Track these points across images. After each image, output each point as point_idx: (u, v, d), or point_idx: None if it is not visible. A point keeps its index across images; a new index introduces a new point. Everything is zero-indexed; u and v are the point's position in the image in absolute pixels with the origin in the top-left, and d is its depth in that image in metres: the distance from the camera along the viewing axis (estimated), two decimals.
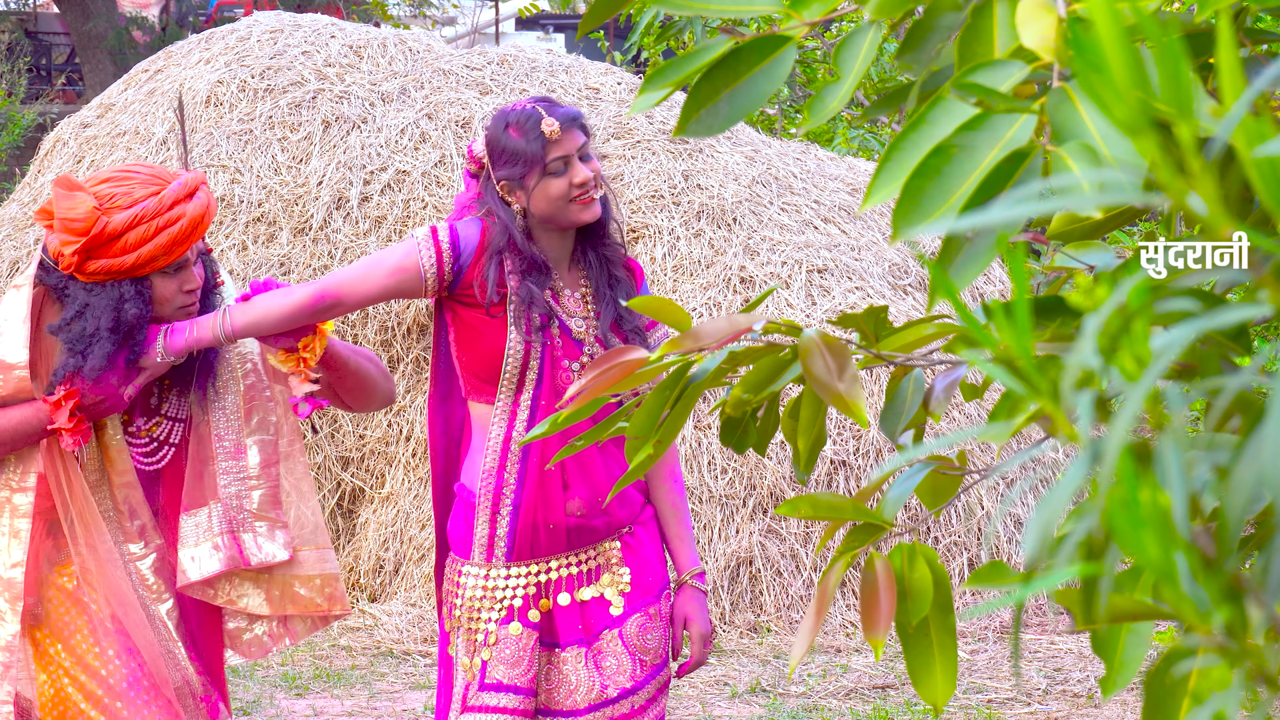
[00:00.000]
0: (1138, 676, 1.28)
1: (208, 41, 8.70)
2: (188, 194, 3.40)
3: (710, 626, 3.49)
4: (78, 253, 3.35)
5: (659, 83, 1.49)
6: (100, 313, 3.36)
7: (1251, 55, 1.62)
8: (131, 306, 3.36)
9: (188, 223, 3.37)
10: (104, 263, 3.35)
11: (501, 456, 3.36)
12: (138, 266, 3.36)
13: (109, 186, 3.39)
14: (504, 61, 8.57)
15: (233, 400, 3.52)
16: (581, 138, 3.34)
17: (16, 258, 7.92)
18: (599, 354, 3.37)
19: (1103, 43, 1.04)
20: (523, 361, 3.34)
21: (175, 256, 3.38)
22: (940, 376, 1.64)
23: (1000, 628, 6.89)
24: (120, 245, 3.35)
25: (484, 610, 3.38)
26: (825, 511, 1.55)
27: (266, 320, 3.33)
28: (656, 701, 3.43)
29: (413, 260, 3.35)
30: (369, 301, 3.39)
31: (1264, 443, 1.00)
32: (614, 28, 17.08)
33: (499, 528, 3.38)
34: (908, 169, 1.28)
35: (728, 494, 7.07)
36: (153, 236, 3.35)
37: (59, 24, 19.89)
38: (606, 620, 3.40)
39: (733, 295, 7.51)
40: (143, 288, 3.38)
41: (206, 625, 3.53)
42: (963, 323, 1.10)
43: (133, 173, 3.43)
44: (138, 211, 3.35)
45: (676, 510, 3.51)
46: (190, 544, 3.46)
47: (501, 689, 3.34)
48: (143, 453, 3.50)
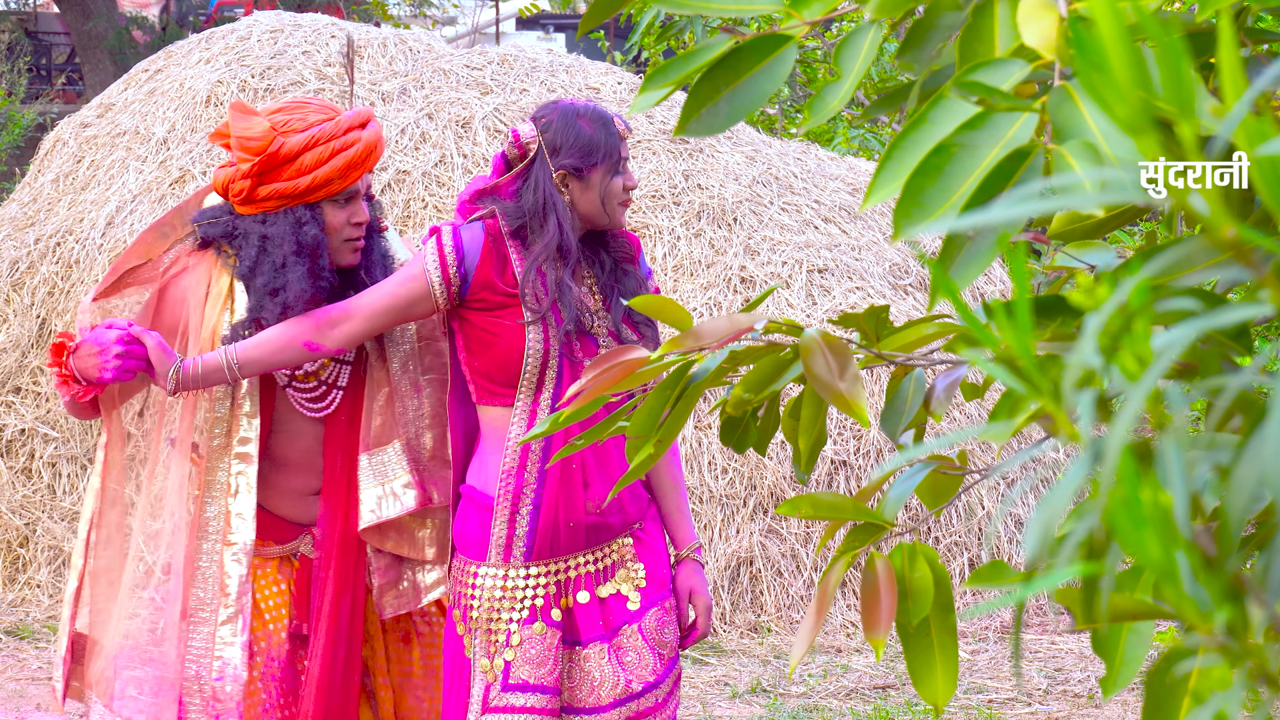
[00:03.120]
0: (1138, 676, 1.28)
1: (208, 41, 8.69)
2: (361, 122, 3.41)
3: (711, 598, 3.52)
4: (251, 174, 3.34)
5: (659, 82, 1.49)
6: (281, 240, 3.35)
7: (1252, 55, 1.62)
8: (310, 228, 3.35)
9: (362, 147, 3.37)
10: (277, 186, 3.35)
11: (522, 457, 3.35)
12: (312, 189, 3.35)
13: (283, 114, 3.40)
14: (504, 61, 8.57)
15: (410, 338, 3.51)
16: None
17: (16, 258, 7.92)
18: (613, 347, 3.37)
19: (1104, 42, 1.03)
20: (542, 360, 3.33)
21: (349, 181, 3.38)
22: (941, 376, 1.64)
23: (1001, 628, 6.89)
24: (295, 167, 3.34)
25: (504, 611, 3.37)
26: (826, 511, 1.55)
27: (271, 345, 3.35)
28: (674, 694, 3.45)
29: (418, 267, 3.35)
30: (378, 318, 3.37)
31: (1265, 442, 1.00)
32: (614, 28, 17.08)
33: (518, 528, 3.36)
34: (908, 168, 1.28)
35: (728, 494, 7.07)
36: (328, 159, 3.35)
37: (59, 24, 19.89)
38: (625, 615, 3.40)
39: (733, 295, 7.50)
40: (316, 213, 3.38)
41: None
42: (964, 322, 1.10)
43: (305, 103, 3.44)
44: (315, 133, 3.35)
45: (676, 484, 3.53)
46: (374, 483, 3.44)
47: (528, 689, 3.33)
48: (310, 399, 3.48)
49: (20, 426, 7.53)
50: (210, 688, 3.36)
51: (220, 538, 3.40)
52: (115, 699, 3.42)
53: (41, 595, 7.12)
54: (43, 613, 7.00)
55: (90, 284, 7.64)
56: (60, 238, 7.91)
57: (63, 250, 7.85)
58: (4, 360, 7.68)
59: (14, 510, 7.34)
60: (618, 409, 1.64)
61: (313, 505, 3.50)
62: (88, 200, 8.08)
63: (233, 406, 3.41)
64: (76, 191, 8.21)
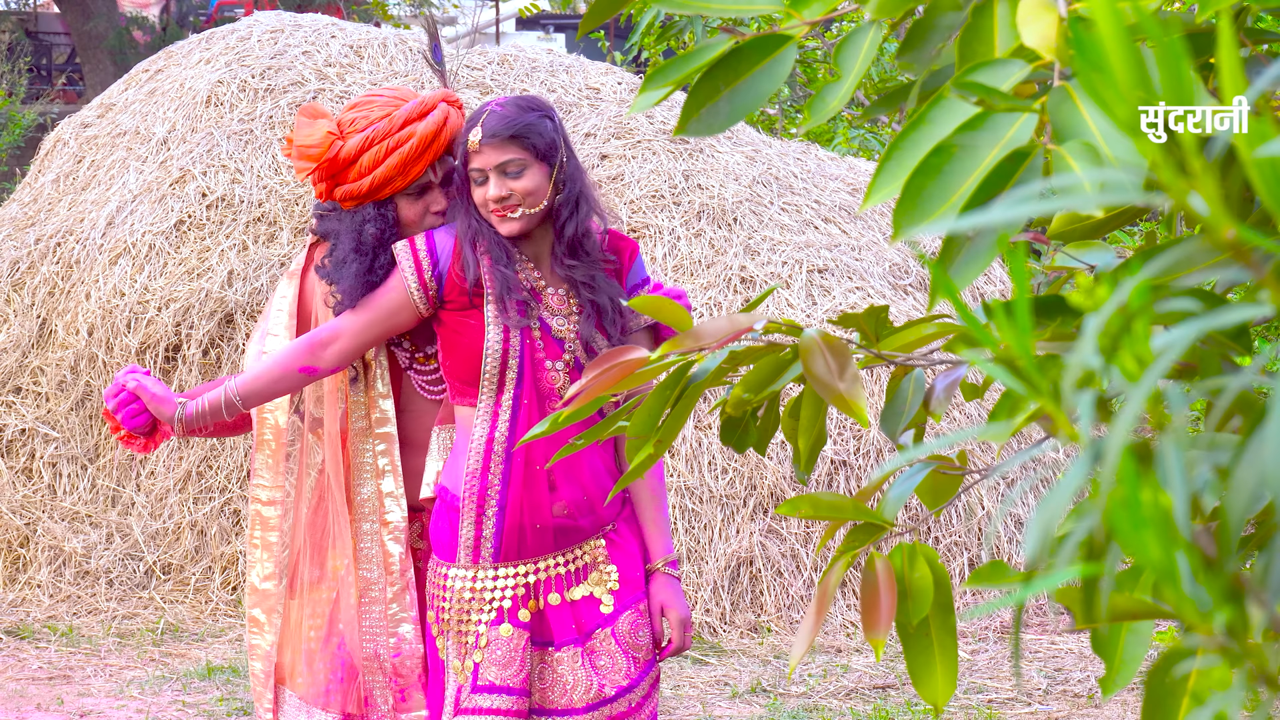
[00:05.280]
0: (1138, 676, 1.28)
1: (208, 41, 8.69)
2: (421, 113, 3.40)
3: (688, 611, 3.49)
4: (318, 180, 3.39)
5: (659, 82, 1.49)
6: (346, 236, 3.39)
7: (1252, 55, 1.62)
8: (371, 227, 3.38)
9: (418, 142, 3.36)
10: (346, 188, 3.38)
11: (485, 458, 3.36)
12: (375, 189, 3.37)
13: (352, 112, 3.42)
14: (504, 61, 8.57)
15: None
16: (501, 155, 3.33)
17: (16, 258, 7.92)
18: (582, 354, 3.37)
19: (1104, 42, 1.03)
20: (501, 360, 3.33)
21: (412, 178, 3.39)
22: (941, 376, 1.64)
23: (1001, 628, 6.89)
24: (357, 169, 3.36)
25: (474, 612, 3.38)
26: (826, 511, 1.55)
27: (269, 375, 3.39)
28: (650, 698, 3.43)
29: (397, 277, 3.39)
30: (365, 332, 3.40)
31: (1265, 443, 1.00)
32: (614, 28, 17.08)
33: (485, 529, 3.37)
34: (908, 168, 1.28)
35: (728, 494, 7.07)
36: (384, 159, 3.35)
37: (59, 24, 19.90)
38: (598, 619, 3.40)
39: (733, 295, 7.51)
40: (385, 210, 3.39)
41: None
42: (963, 322, 1.10)
43: (376, 96, 3.45)
44: (370, 134, 3.36)
45: (655, 496, 3.51)
46: (439, 458, 3.48)
47: (494, 690, 3.34)
48: (428, 381, 3.52)
49: (20, 426, 7.53)
50: (390, 664, 3.43)
51: (377, 518, 3.46)
52: (305, 690, 3.48)
53: (41, 595, 7.12)
54: (43, 613, 7.01)
55: (90, 284, 7.65)
56: (60, 238, 7.91)
57: (63, 250, 7.85)
58: (4, 360, 7.68)
59: (14, 510, 7.34)
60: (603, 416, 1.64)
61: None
62: (88, 200, 8.08)
63: (367, 389, 3.48)
64: (77, 191, 8.21)
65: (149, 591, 7.14)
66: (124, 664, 6.44)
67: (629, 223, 7.70)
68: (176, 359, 7.49)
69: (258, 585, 3.54)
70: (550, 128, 3.35)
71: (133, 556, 7.23)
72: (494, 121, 3.31)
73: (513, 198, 3.30)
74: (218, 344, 7.51)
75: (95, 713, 5.87)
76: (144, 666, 6.41)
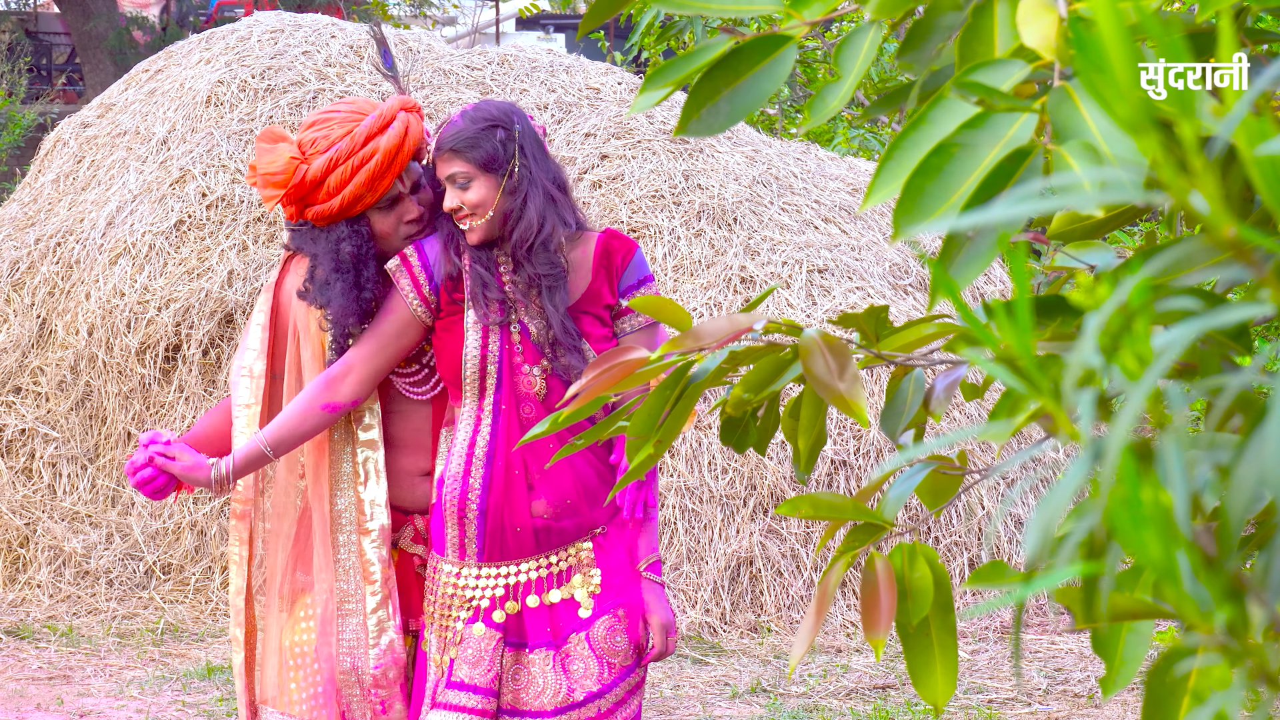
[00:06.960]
0: (1138, 676, 1.28)
1: (208, 41, 8.69)
2: (381, 126, 3.38)
3: (671, 615, 3.49)
4: (287, 203, 3.36)
5: (659, 82, 1.49)
6: (324, 258, 3.38)
7: (1252, 55, 1.62)
8: (348, 245, 3.36)
9: (382, 157, 3.34)
10: (317, 209, 3.36)
11: (466, 461, 3.39)
12: (346, 207, 3.35)
13: (311, 132, 3.39)
14: (504, 61, 8.57)
15: None
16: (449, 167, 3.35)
17: (16, 258, 7.92)
18: (555, 361, 3.38)
19: (1104, 42, 1.03)
20: (480, 364, 3.36)
21: (381, 192, 3.37)
22: (941, 376, 1.64)
23: (1001, 628, 6.89)
24: (324, 190, 3.34)
25: (454, 608, 3.42)
26: (826, 511, 1.55)
27: (294, 419, 3.41)
28: (626, 704, 3.43)
29: (396, 298, 3.41)
30: (376, 359, 3.42)
31: (1265, 442, 1.00)
32: (614, 28, 17.08)
33: (467, 531, 3.41)
34: (908, 168, 1.28)
35: (728, 494, 7.07)
36: (351, 177, 3.33)
37: (59, 24, 19.89)
38: (574, 623, 3.42)
39: (733, 295, 7.50)
40: (359, 226, 3.38)
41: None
42: (964, 322, 1.10)
43: (333, 113, 3.42)
44: (332, 155, 3.34)
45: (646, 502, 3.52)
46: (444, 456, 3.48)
47: (464, 688, 3.38)
48: (412, 383, 3.50)
49: (20, 426, 7.53)
50: (369, 677, 3.41)
51: (355, 527, 3.44)
52: (290, 705, 3.46)
53: (41, 595, 7.12)
54: (43, 613, 7.01)
55: (90, 284, 7.65)
56: (61, 238, 7.91)
57: (63, 250, 7.85)
58: (4, 360, 7.68)
59: (14, 510, 7.34)
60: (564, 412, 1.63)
61: (420, 487, 3.53)
62: (88, 200, 8.08)
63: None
64: (77, 191, 8.21)
65: (149, 591, 7.14)
66: (124, 664, 6.44)
67: (629, 223, 7.70)
68: (176, 359, 7.49)
69: (231, 599, 3.54)
70: (498, 138, 3.34)
71: (133, 556, 7.23)
72: (445, 133, 3.35)
73: (463, 209, 3.35)
74: (218, 344, 7.51)
75: (95, 713, 5.87)
76: (144, 666, 6.40)
